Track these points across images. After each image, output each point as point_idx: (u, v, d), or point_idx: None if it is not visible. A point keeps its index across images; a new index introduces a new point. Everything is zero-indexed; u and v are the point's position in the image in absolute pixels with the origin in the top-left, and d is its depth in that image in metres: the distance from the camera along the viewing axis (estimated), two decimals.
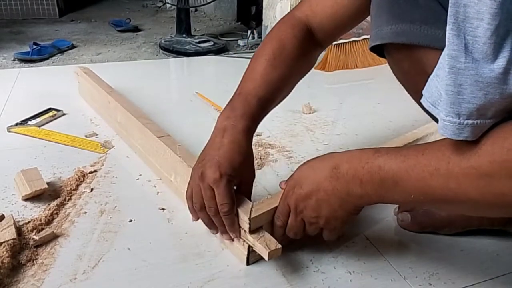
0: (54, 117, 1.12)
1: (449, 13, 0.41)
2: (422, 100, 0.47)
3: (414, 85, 0.56)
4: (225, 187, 0.60)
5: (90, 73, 1.20)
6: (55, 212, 0.74)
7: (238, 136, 0.63)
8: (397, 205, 0.78)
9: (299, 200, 0.59)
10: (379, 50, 0.58)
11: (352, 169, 0.54)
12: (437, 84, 0.45)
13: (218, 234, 0.67)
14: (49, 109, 1.15)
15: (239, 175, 0.62)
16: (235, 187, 0.63)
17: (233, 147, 0.62)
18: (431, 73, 0.48)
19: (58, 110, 1.15)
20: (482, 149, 0.43)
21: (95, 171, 0.87)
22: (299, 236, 0.63)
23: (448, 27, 0.42)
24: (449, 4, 0.41)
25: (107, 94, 1.05)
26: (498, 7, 0.39)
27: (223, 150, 0.62)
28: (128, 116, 0.95)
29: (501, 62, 0.40)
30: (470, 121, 0.43)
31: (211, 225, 0.65)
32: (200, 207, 0.63)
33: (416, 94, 0.57)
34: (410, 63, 0.53)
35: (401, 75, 0.58)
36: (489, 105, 0.42)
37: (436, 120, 0.46)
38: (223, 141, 0.63)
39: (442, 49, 0.44)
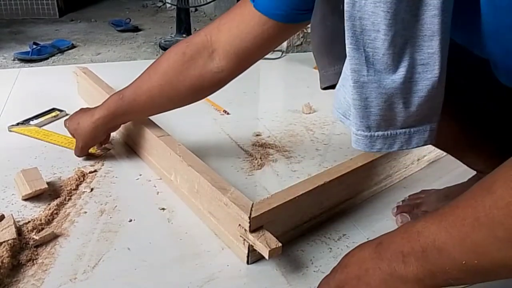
0: (57, 118, 1.12)
1: (346, 28, 0.41)
2: (333, 112, 0.47)
3: None
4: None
5: (89, 73, 1.20)
6: (55, 212, 0.74)
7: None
8: (396, 206, 0.78)
9: (341, 281, 0.50)
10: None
11: (394, 242, 0.45)
12: (345, 95, 0.45)
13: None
14: (52, 109, 1.15)
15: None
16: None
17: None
18: None
19: (61, 111, 1.14)
20: None
21: (95, 171, 0.87)
22: None
23: (347, 42, 0.41)
24: (345, 19, 0.41)
25: (106, 94, 1.05)
26: (392, 18, 0.39)
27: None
28: None
29: (401, 71, 0.41)
30: (380, 133, 0.43)
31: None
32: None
33: None
34: None
35: None
36: (395, 114, 0.43)
37: None
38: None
39: None
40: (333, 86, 0.58)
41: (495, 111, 0.62)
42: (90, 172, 0.86)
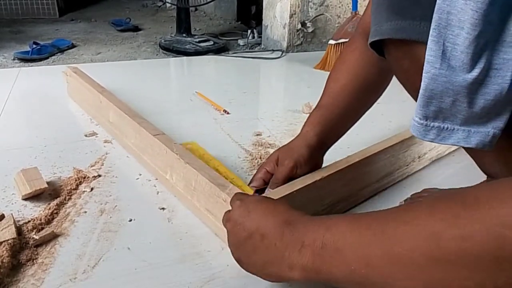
0: None
1: (433, 19, 0.42)
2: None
3: (413, 84, 0.55)
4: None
5: (80, 73, 1.19)
6: (55, 211, 0.74)
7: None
8: (398, 204, 0.78)
9: (235, 227, 0.54)
10: (378, 49, 0.58)
11: (301, 228, 0.47)
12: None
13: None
14: None
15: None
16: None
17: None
18: None
19: None
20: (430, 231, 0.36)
21: (98, 175, 0.86)
22: None
23: (430, 33, 0.43)
24: (434, 10, 0.42)
25: (99, 93, 1.04)
26: (480, 18, 0.39)
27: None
28: (121, 115, 0.94)
29: (475, 72, 0.41)
30: (436, 124, 0.45)
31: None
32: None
33: (415, 93, 0.57)
34: (410, 61, 0.53)
35: (400, 74, 0.58)
36: (456, 111, 0.44)
37: None
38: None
39: None
40: (378, 49, 0.57)
41: None
42: (94, 177, 0.85)
